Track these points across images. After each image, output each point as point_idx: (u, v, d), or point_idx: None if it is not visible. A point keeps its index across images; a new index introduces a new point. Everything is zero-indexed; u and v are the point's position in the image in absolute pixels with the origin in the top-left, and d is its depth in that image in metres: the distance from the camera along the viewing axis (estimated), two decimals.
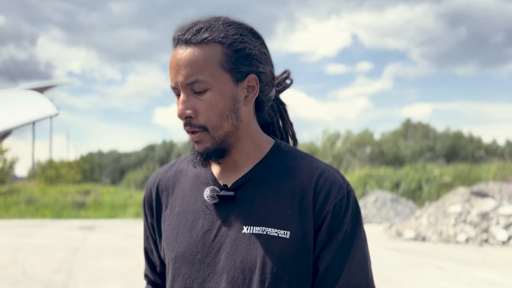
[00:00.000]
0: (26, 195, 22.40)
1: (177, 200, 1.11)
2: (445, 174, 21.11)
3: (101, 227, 15.31)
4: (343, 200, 1.01)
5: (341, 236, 1.00)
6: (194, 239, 1.04)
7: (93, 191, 24.19)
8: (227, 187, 1.05)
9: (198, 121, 1.00)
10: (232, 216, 1.03)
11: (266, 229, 0.99)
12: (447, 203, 12.94)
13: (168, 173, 1.18)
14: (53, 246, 10.56)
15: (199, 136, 1.00)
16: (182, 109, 0.99)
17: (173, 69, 1.00)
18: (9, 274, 7.33)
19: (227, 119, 1.01)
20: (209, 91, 0.99)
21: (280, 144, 1.11)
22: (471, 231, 11.49)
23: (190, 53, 0.98)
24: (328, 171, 1.05)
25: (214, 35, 0.99)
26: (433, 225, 12.36)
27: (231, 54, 1.00)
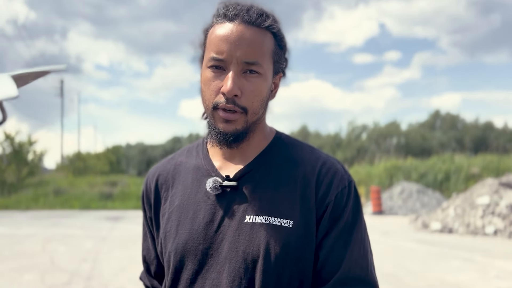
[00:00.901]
0: (54, 186, 22.89)
1: (178, 193, 1.10)
2: (473, 165, 20.69)
3: (127, 217, 15.55)
4: (344, 190, 1.02)
5: (342, 225, 1.01)
6: (196, 230, 1.03)
7: (119, 183, 24.56)
8: (229, 178, 1.04)
9: (242, 102, 0.99)
10: (234, 206, 1.02)
11: (269, 218, 0.99)
12: (475, 195, 12.68)
13: (167, 167, 1.16)
14: (81, 236, 10.78)
15: (237, 116, 0.99)
16: (233, 86, 0.97)
17: (231, 43, 0.97)
18: (38, 263, 7.51)
19: (263, 107, 1.04)
20: (260, 76, 1.00)
21: (282, 134, 1.13)
22: (499, 223, 11.24)
23: (254, 34, 0.98)
24: (330, 161, 1.06)
25: (274, 26, 1.01)
26: (460, 217, 12.14)
27: (278, 48, 1.03)
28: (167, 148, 41.47)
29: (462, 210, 12.36)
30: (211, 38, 1.01)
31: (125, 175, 31.39)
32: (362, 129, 34.78)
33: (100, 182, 24.55)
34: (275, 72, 1.05)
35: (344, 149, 32.18)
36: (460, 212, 12.33)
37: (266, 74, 1.01)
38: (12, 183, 23.89)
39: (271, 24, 1.00)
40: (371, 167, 23.83)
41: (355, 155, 30.78)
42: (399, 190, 18.18)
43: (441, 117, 36.73)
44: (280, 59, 1.05)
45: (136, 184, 24.58)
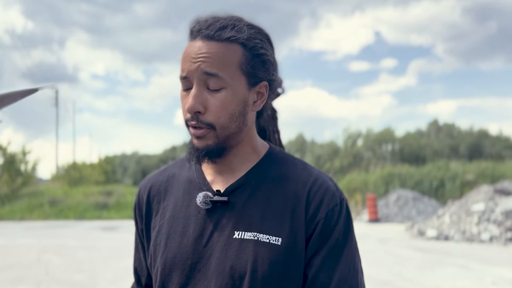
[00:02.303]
0: (49, 196, 22.77)
1: (169, 205, 1.09)
2: (468, 172, 20.76)
3: (123, 227, 15.48)
4: (336, 208, 1.01)
5: (332, 244, 0.99)
6: (185, 244, 1.02)
7: (115, 192, 24.46)
8: (220, 192, 1.03)
9: (206, 118, 0.97)
10: (224, 221, 1.01)
11: (258, 234, 0.98)
12: (470, 201, 12.72)
13: (159, 178, 1.15)
14: (76, 246, 10.72)
15: (204, 132, 0.98)
16: (194, 103, 0.96)
17: (190, 59, 0.97)
18: (33, 274, 7.46)
19: (235, 121, 1.00)
20: (224, 90, 0.97)
21: (275, 149, 1.11)
22: (495, 230, 11.27)
23: (213, 48, 0.96)
24: (322, 178, 1.04)
25: (238, 36, 0.98)
26: (456, 224, 12.16)
27: (250, 58, 0.99)
28: (163, 158, 41.40)
29: (458, 217, 12.38)
30: (181, 58, 1.02)
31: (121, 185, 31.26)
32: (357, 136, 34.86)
33: (95, 192, 24.45)
34: (253, 83, 1.01)
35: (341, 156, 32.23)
36: (456, 219, 12.36)
37: (233, 86, 0.97)
38: (6, 193, 23.76)
39: (232, 35, 0.97)
40: (367, 174, 23.86)
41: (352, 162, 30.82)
42: (395, 197, 18.20)
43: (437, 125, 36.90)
44: (255, 68, 1.00)
45: (131, 193, 24.48)
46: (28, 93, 0.91)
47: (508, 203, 11.79)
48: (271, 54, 1.04)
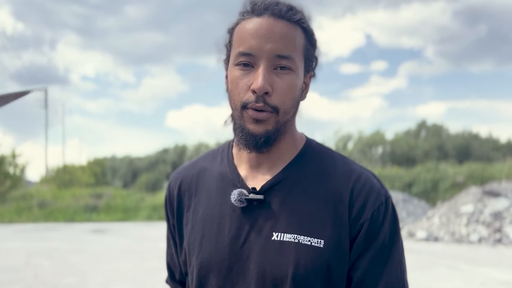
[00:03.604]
0: (39, 199, 22.58)
1: (201, 201, 1.04)
2: (458, 174, 20.92)
3: (113, 230, 15.39)
4: (381, 207, 0.94)
5: (378, 246, 0.93)
6: (221, 245, 0.97)
7: (105, 195, 24.32)
8: (256, 190, 0.97)
9: (272, 101, 0.91)
10: (261, 220, 0.95)
11: (298, 236, 0.92)
12: (459, 203, 12.82)
13: (190, 172, 1.09)
14: (66, 249, 10.64)
15: (267, 115, 0.91)
16: (264, 83, 0.89)
17: (260, 37, 0.90)
18: (22, 278, 7.39)
19: (294, 107, 0.95)
20: (292, 73, 0.92)
21: (312, 142, 1.04)
22: (483, 231, 11.36)
23: (285, 27, 0.91)
24: (365, 175, 0.98)
25: (304, 20, 0.94)
26: (445, 225, 12.25)
27: (309, 44, 0.96)
28: (153, 160, 41.23)
29: (447, 218, 12.47)
30: (238, 35, 0.94)
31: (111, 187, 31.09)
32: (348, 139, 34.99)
33: (85, 194, 24.29)
34: (306, 71, 0.97)
35: None
36: (445, 220, 12.44)
37: (298, 71, 0.93)
38: None
39: (301, 18, 0.93)
40: None
41: None
42: None
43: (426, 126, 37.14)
44: (311, 56, 0.96)
45: (121, 196, 24.37)
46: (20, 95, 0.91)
47: (497, 205, 11.90)
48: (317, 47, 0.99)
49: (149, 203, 21.85)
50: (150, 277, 7.39)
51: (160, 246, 10.83)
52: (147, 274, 7.57)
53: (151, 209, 21.17)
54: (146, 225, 17.29)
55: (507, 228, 11.17)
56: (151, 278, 7.30)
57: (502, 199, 12.17)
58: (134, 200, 23.26)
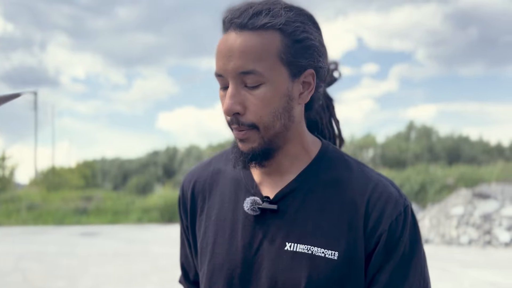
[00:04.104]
0: (27, 201, 22.38)
1: (215, 205, 1.02)
2: (448, 176, 21.05)
3: (103, 233, 15.29)
4: (400, 217, 0.90)
5: (398, 258, 0.89)
6: (233, 252, 0.95)
7: (95, 197, 24.17)
8: (269, 199, 0.94)
9: (247, 119, 0.88)
10: (274, 229, 0.93)
11: (312, 248, 0.90)
12: (450, 205, 12.89)
13: (204, 173, 1.07)
14: (55, 253, 10.55)
15: (246, 134, 0.89)
16: (231, 104, 0.87)
17: (223, 56, 0.88)
18: (10, 282, 7.31)
19: (280, 118, 0.90)
20: (263, 86, 0.87)
21: (328, 147, 1.00)
22: (473, 233, 11.44)
23: (247, 39, 0.86)
24: (382, 183, 0.94)
25: (274, 21, 0.87)
26: (436, 227, 12.31)
27: (291, 44, 0.88)
28: (144, 162, 41.07)
29: (437, 220, 12.53)
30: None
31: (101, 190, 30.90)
32: None
33: (75, 197, 24.12)
34: (296, 73, 0.90)
35: None
36: (436, 222, 12.51)
37: (273, 80, 0.87)
38: None
39: (268, 21, 0.86)
40: None
41: None
42: None
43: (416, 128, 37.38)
44: (297, 55, 0.89)
45: (111, 198, 24.23)
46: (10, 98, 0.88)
47: (486, 207, 11.98)
48: (315, 38, 0.92)
49: (140, 206, 21.73)
50: (141, 280, 7.35)
51: (150, 249, 10.78)
52: (137, 278, 7.52)
53: (142, 211, 21.06)
54: (136, 228, 17.20)
55: (496, 230, 11.25)
56: (142, 281, 7.26)
57: (491, 201, 12.26)
58: (125, 202, 23.12)
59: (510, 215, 11.49)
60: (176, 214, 20.13)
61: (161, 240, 12.83)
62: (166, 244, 11.56)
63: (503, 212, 11.66)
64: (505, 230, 11.18)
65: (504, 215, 11.59)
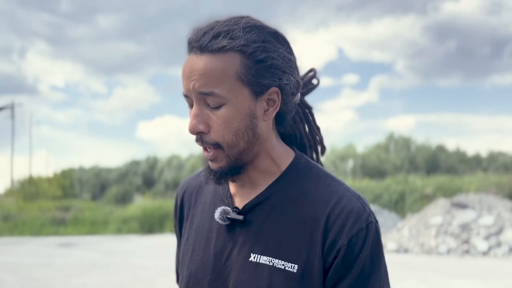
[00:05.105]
0: (3, 212, 21.93)
1: (197, 213, 1.07)
2: (426, 186, 21.31)
3: (81, 244, 15.05)
4: (361, 233, 0.89)
5: (356, 274, 0.89)
6: (206, 259, 1.00)
7: (73, 207, 23.80)
8: (238, 209, 0.98)
9: (211, 138, 0.91)
10: (242, 240, 0.96)
11: (273, 260, 0.92)
12: (429, 215, 13.04)
13: (193, 183, 1.13)
14: (31, 264, 10.33)
15: (213, 154, 0.93)
16: (194, 124, 0.91)
17: (186, 77, 0.91)
18: None
19: (243, 136, 0.92)
20: (224, 106, 0.89)
21: (300, 160, 1.01)
22: (452, 242, 11.57)
23: (205, 62, 0.88)
24: (347, 197, 0.93)
25: (233, 43, 0.88)
26: (415, 237, 12.42)
27: (251, 65, 0.89)
28: (123, 171, 40.66)
29: (417, 230, 12.65)
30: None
31: (79, 200, 30.46)
32: None
33: (52, 207, 23.72)
34: (259, 92, 0.91)
35: None
36: (415, 232, 12.62)
37: (234, 100, 0.89)
38: None
39: (226, 44, 0.88)
40: None
41: None
42: None
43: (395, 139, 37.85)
44: (258, 75, 0.90)
45: (90, 208, 23.90)
46: None
47: (464, 216, 12.15)
48: (279, 55, 0.92)
49: (119, 216, 21.47)
50: None
51: (129, 260, 10.64)
52: None
53: (121, 222, 20.80)
54: (115, 239, 16.96)
55: (474, 239, 11.41)
56: None
57: (469, 211, 12.44)
58: (103, 213, 22.82)
59: (488, 225, 11.67)
60: (156, 225, 19.97)
61: (141, 251, 12.68)
62: (146, 256, 11.43)
63: (481, 222, 11.84)
64: (482, 239, 11.34)
65: (482, 224, 11.76)
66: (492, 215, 12.10)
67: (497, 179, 21.36)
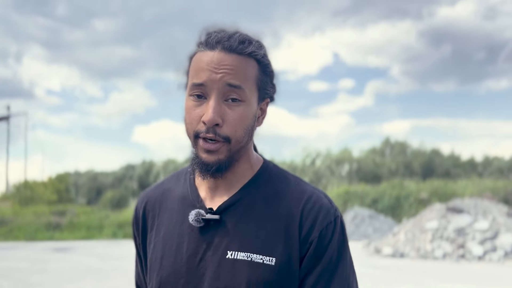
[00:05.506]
0: None
1: (164, 222, 1.08)
2: (422, 190, 21.36)
3: (77, 248, 14.99)
4: (330, 225, 1.00)
5: (326, 263, 0.98)
6: (178, 263, 1.01)
7: (68, 212, 23.71)
8: (213, 210, 1.01)
9: (224, 131, 0.96)
10: (217, 240, 1.00)
11: (251, 255, 0.97)
12: (424, 219, 13.07)
13: (155, 193, 1.15)
14: (26, 269, 10.28)
15: (219, 146, 0.97)
16: (214, 115, 0.95)
17: (211, 68, 0.96)
18: None
19: (248, 135, 1.01)
20: (243, 104, 0.97)
21: (269, 164, 1.10)
22: (447, 247, 11.60)
23: (235, 60, 0.97)
24: (316, 195, 1.03)
25: (257, 52, 0.99)
26: (411, 241, 12.44)
27: (262, 74, 1.01)
28: (119, 175, 40.55)
29: (413, 234, 12.68)
30: (193, 66, 1.00)
31: (74, 204, 30.34)
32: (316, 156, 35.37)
33: (47, 211, 23.62)
34: (261, 98, 1.03)
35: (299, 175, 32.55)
36: (411, 236, 12.65)
37: (250, 100, 0.99)
38: None
39: (253, 50, 0.98)
40: None
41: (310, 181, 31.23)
42: (352, 215, 18.48)
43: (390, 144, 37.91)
44: (265, 85, 1.03)
45: (85, 213, 23.82)
46: None
47: (460, 221, 12.19)
48: (274, 73, 1.06)
49: (114, 221, 21.39)
50: None
51: (125, 265, 10.60)
52: None
53: (116, 226, 20.73)
54: (110, 243, 16.91)
55: (469, 244, 11.44)
56: None
57: (465, 215, 12.48)
58: (99, 217, 22.75)
59: (483, 229, 11.71)
60: None
61: None
62: None
63: (476, 226, 11.88)
64: (478, 244, 11.38)
65: (477, 229, 11.80)
66: (487, 220, 12.14)
67: (492, 184, 21.45)
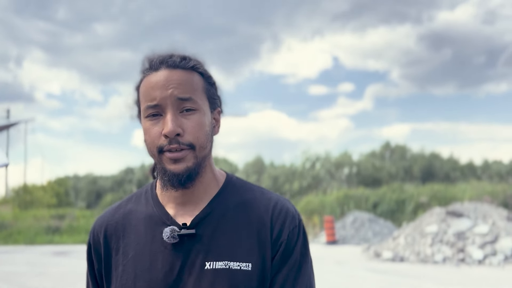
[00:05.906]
0: None
1: (131, 243, 1.08)
2: (422, 194, 21.36)
3: (76, 252, 14.97)
4: (295, 229, 1.08)
5: (292, 262, 1.05)
6: (155, 281, 1.02)
7: (68, 216, 23.68)
8: (186, 225, 1.04)
9: (187, 139, 1.01)
10: (193, 253, 1.03)
11: (229, 263, 1.02)
12: (424, 223, 13.06)
13: (115, 216, 1.14)
14: (26, 273, 10.27)
15: (184, 153, 1.01)
16: (174, 126, 0.99)
17: (161, 87, 1.01)
18: None
19: (210, 140, 1.06)
20: (197, 112, 1.03)
21: (232, 177, 1.16)
22: (447, 251, 11.59)
23: (181, 75, 1.03)
24: (281, 202, 1.11)
25: (199, 65, 1.06)
26: (411, 245, 12.43)
27: (208, 86, 1.08)
28: (118, 179, 40.53)
29: (412, 238, 12.67)
30: (142, 90, 1.05)
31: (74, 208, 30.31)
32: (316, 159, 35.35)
33: (47, 215, 23.60)
34: (212, 108, 1.09)
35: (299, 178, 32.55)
36: (411, 240, 12.64)
37: (203, 109, 1.04)
38: None
39: (195, 64, 1.05)
40: (324, 196, 24.14)
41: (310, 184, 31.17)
42: (352, 219, 18.46)
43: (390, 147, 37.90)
44: (213, 95, 1.09)
45: (85, 217, 23.79)
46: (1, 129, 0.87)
47: (460, 225, 12.18)
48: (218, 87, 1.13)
49: None
50: None
51: None
52: None
53: None
54: None
55: (469, 248, 11.43)
56: None
57: (464, 219, 12.47)
58: None
59: (483, 233, 11.71)
60: None
61: None
62: None
63: (476, 230, 11.87)
64: (478, 247, 11.37)
65: (477, 233, 11.79)
66: (487, 224, 12.14)
67: (491, 188, 21.46)
